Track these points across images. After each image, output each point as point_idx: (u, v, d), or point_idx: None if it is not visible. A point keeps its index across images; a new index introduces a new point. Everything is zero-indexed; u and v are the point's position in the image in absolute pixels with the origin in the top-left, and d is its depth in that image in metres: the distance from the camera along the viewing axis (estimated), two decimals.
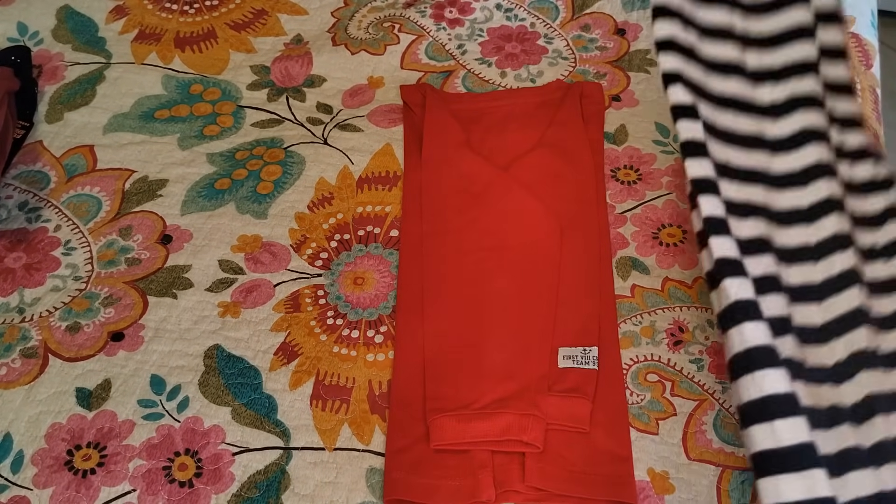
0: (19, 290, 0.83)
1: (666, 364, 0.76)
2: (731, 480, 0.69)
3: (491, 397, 0.72)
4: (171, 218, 0.88)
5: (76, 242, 0.86)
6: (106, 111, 0.98)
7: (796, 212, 0.70)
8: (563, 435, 0.71)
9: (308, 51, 1.03)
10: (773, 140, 0.73)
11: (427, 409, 0.72)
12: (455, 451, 0.71)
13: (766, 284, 0.65)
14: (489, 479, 0.69)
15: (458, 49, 1.03)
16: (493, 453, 0.70)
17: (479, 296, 0.80)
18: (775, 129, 0.73)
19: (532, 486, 0.69)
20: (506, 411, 0.71)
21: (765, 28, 0.75)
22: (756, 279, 0.64)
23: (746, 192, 0.71)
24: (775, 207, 0.70)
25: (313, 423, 0.73)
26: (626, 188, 0.89)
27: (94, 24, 1.08)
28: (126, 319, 0.80)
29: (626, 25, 1.05)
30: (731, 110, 0.74)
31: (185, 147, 0.94)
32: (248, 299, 0.81)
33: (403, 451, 0.71)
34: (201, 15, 1.08)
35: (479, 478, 0.69)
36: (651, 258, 0.83)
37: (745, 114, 0.74)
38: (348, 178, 0.90)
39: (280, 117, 0.97)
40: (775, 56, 0.75)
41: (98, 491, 0.70)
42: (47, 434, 0.73)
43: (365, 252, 0.85)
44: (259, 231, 0.86)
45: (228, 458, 0.71)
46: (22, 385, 0.76)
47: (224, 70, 1.02)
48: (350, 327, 0.79)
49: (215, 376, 0.76)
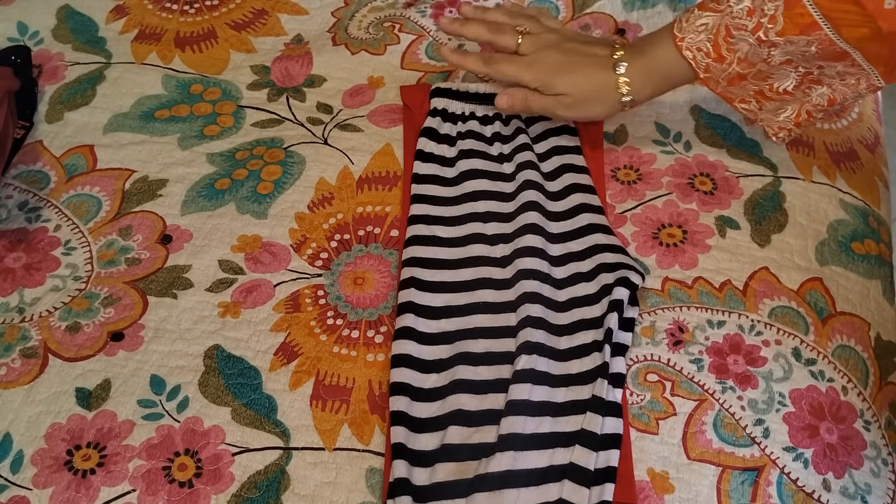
0: (19, 290, 0.83)
1: (666, 364, 0.76)
2: (731, 480, 0.69)
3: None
4: (171, 218, 0.88)
5: (76, 242, 0.86)
6: (106, 111, 0.98)
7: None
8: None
9: (308, 51, 1.03)
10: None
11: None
12: None
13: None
14: None
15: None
16: None
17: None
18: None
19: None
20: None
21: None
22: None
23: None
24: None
25: (313, 423, 0.73)
26: (625, 188, 0.89)
27: (95, 23, 1.08)
28: (126, 319, 0.80)
29: (626, 25, 1.05)
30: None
31: (186, 147, 0.94)
32: (248, 299, 0.81)
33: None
34: (201, 15, 1.08)
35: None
36: (651, 258, 0.83)
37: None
38: (348, 179, 0.90)
39: (280, 117, 0.97)
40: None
41: (98, 491, 0.70)
42: (47, 434, 0.73)
43: (365, 252, 0.85)
44: (259, 231, 0.86)
45: (228, 458, 0.71)
46: (22, 385, 0.76)
47: (224, 70, 1.02)
48: (350, 327, 0.79)
49: (215, 376, 0.76)
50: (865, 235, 0.85)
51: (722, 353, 0.76)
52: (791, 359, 0.76)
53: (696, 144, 0.92)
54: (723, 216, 0.86)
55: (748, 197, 0.87)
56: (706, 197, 0.87)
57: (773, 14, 0.73)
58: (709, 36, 0.78)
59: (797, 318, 0.79)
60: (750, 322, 0.78)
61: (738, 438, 0.72)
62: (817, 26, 0.73)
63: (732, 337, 0.77)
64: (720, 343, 0.77)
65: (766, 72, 0.78)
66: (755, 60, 0.77)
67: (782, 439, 0.72)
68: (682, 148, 0.92)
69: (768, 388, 0.74)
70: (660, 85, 0.83)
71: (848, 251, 0.84)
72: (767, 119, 0.82)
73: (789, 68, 0.77)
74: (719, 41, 0.77)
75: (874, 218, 0.88)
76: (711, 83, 0.81)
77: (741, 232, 0.85)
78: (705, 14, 0.78)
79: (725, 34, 0.77)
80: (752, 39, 0.75)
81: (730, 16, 0.76)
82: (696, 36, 0.78)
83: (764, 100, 0.80)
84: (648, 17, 1.05)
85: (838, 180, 0.89)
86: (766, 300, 0.80)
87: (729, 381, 0.75)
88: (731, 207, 0.86)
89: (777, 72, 0.77)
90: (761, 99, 0.80)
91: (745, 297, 0.80)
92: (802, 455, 0.71)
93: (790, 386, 0.75)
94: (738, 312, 0.79)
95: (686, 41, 0.79)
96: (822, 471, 0.70)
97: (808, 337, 0.78)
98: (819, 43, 0.73)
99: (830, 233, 0.85)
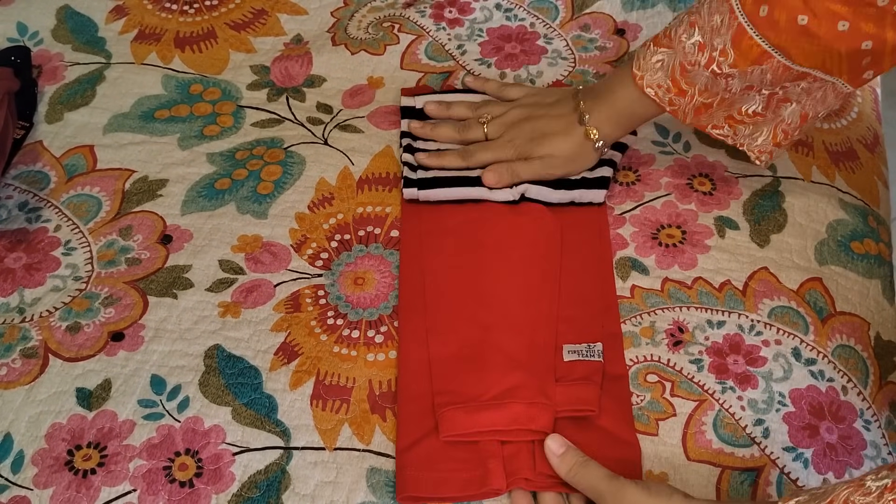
0: (19, 291, 0.83)
1: (666, 364, 0.76)
2: (730, 481, 0.70)
3: (498, 389, 0.73)
4: (172, 218, 0.88)
5: (76, 242, 0.86)
6: (106, 111, 0.98)
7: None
8: (573, 421, 0.72)
9: (308, 51, 1.03)
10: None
11: (435, 405, 0.73)
12: (465, 444, 0.71)
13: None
14: (499, 467, 0.69)
15: (457, 49, 1.03)
16: (503, 443, 0.70)
17: (481, 294, 0.80)
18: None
19: (543, 472, 0.69)
20: (514, 401, 0.71)
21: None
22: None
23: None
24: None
25: (313, 422, 0.73)
26: (624, 189, 0.89)
27: (94, 24, 1.08)
28: (126, 319, 0.80)
29: (625, 25, 1.05)
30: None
31: (186, 147, 0.94)
32: (249, 299, 0.81)
33: (413, 446, 0.71)
34: (201, 15, 1.08)
35: (490, 467, 0.69)
36: (650, 258, 0.83)
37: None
38: (349, 179, 0.90)
39: (280, 117, 0.97)
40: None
41: (98, 491, 0.70)
42: (47, 434, 0.73)
43: (365, 252, 0.85)
44: (259, 231, 0.86)
45: (229, 457, 0.72)
46: (22, 385, 0.76)
47: (224, 70, 1.02)
48: (350, 327, 0.79)
49: (215, 376, 0.76)
50: (865, 235, 0.86)
51: (722, 353, 0.77)
52: (791, 359, 0.76)
53: (695, 145, 0.92)
54: (722, 216, 0.86)
55: (747, 197, 0.87)
56: (705, 197, 0.87)
57: (723, 47, 0.74)
58: (666, 73, 0.79)
59: (797, 317, 0.79)
60: (750, 322, 0.79)
61: (737, 439, 0.72)
62: (769, 55, 0.73)
63: (732, 337, 0.78)
64: (720, 343, 0.77)
65: (729, 99, 0.78)
66: (716, 90, 0.77)
67: (782, 439, 0.72)
68: (681, 148, 0.92)
69: (768, 388, 0.74)
70: (628, 125, 0.85)
71: (847, 251, 0.84)
72: (746, 142, 0.81)
73: (752, 92, 0.77)
74: (676, 77, 0.78)
75: (873, 217, 0.88)
76: (679, 114, 0.81)
77: (740, 232, 0.85)
78: (659, 51, 0.79)
79: (681, 70, 0.78)
80: (707, 73, 0.76)
81: (682, 52, 0.77)
82: (654, 74, 0.79)
83: (736, 123, 0.80)
84: (648, 17, 1.05)
85: (837, 180, 0.90)
86: (765, 300, 0.80)
87: (729, 382, 0.75)
88: (731, 208, 0.86)
89: (741, 97, 0.78)
90: (733, 123, 0.80)
91: (745, 298, 0.80)
92: (802, 455, 0.71)
93: (790, 386, 0.75)
94: (737, 312, 0.79)
95: (646, 79, 0.80)
96: (822, 470, 0.70)
97: (807, 337, 0.78)
98: (774, 70, 0.74)
99: (830, 232, 0.85)
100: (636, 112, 0.83)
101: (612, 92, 0.83)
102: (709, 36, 0.75)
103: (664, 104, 0.80)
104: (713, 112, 0.80)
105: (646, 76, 0.80)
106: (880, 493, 0.53)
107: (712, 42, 0.74)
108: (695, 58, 0.76)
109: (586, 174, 0.87)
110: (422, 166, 0.89)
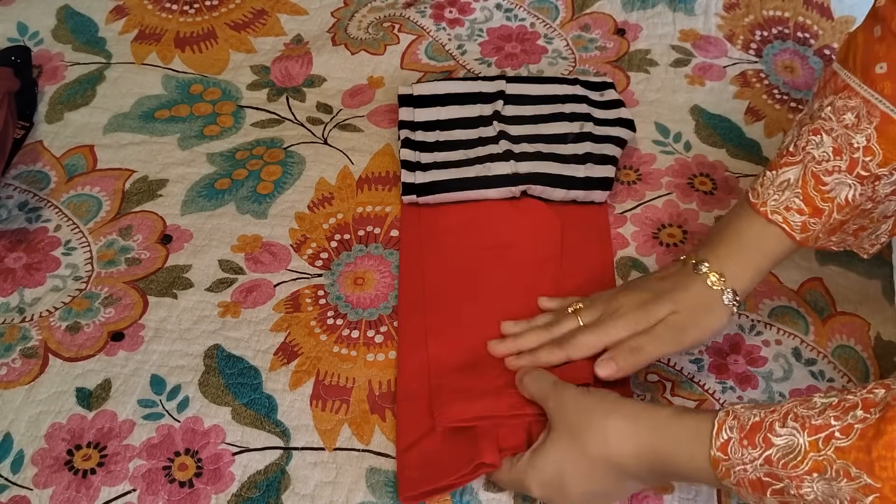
0: (19, 290, 0.83)
1: (666, 364, 0.76)
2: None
3: (495, 384, 0.73)
4: (172, 218, 0.88)
5: (76, 242, 0.86)
6: (106, 111, 0.98)
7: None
8: None
9: (308, 51, 1.03)
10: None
11: (433, 403, 0.73)
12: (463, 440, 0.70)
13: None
14: (492, 443, 0.68)
15: (457, 49, 1.03)
16: (498, 427, 0.70)
17: (481, 294, 0.80)
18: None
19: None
20: (512, 390, 0.71)
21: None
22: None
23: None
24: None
25: (313, 423, 0.73)
26: (625, 188, 0.89)
27: (94, 24, 1.08)
28: (126, 319, 0.80)
29: (625, 25, 1.05)
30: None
31: (186, 147, 0.94)
32: (248, 299, 0.81)
33: (413, 446, 0.71)
34: (201, 15, 1.08)
35: (481, 445, 0.68)
36: (651, 258, 0.83)
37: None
38: (348, 179, 0.90)
39: (280, 117, 0.97)
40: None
41: (98, 491, 0.70)
42: (47, 434, 0.73)
43: (365, 252, 0.85)
44: (259, 231, 0.86)
45: (228, 457, 0.71)
46: (22, 385, 0.76)
47: (224, 70, 1.02)
48: (350, 327, 0.79)
49: (215, 376, 0.76)
50: None
51: (722, 353, 0.77)
52: (791, 359, 0.76)
53: (696, 144, 0.92)
54: (723, 216, 0.85)
55: None
56: (706, 197, 0.87)
57: (867, 145, 0.66)
58: (795, 191, 0.68)
59: (797, 317, 0.79)
60: (750, 322, 0.78)
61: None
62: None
63: (732, 337, 0.77)
64: (720, 343, 0.77)
65: (870, 208, 0.69)
66: (859, 201, 0.68)
67: None
68: (682, 148, 0.92)
69: (768, 387, 0.74)
70: (757, 263, 0.70)
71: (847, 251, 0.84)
72: (864, 244, 0.73)
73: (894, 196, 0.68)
74: (809, 192, 0.68)
75: None
76: (810, 241, 0.70)
77: None
78: (783, 171, 0.69)
79: (815, 183, 0.67)
80: (850, 180, 0.67)
81: (813, 162, 0.67)
82: (780, 195, 0.69)
83: (862, 231, 0.71)
84: (648, 18, 1.05)
85: None
86: (766, 300, 0.80)
87: (729, 381, 0.75)
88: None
89: (883, 202, 0.69)
90: (860, 232, 0.71)
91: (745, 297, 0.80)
92: None
93: (790, 386, 0.75)
94: (738, 312, 0.79)
95: (769, 205, 0.69)
96: None
97: (808, 337, 0.78)
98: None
99: None
100: (762, 246, 0.70)
101: (727, 231, 0.71)
102: (844, 138, 0.66)
103: (795, 231, 0.68)
104: (847, 227, 0.70)
105: (768, 202, 0.69)
106: (823, 408, 0.54)
107: (850, 143, 0.66)
108: (831, 164, 0.67)
109: (590, 173, 0.86)
110: (421, 166, 0.88)
